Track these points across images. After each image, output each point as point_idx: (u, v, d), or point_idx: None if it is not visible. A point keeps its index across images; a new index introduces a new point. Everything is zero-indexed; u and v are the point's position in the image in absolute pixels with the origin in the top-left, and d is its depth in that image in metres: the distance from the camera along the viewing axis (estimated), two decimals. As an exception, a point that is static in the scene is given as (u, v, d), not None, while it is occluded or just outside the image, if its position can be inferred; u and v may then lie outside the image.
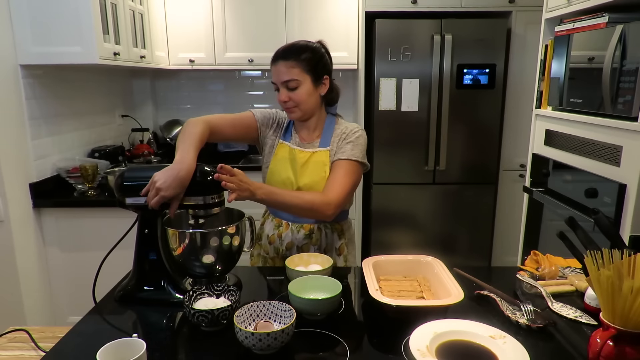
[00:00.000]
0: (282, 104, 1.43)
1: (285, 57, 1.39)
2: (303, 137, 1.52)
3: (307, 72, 1.40)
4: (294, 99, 1.40)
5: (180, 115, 3.60)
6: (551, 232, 2.02)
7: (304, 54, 1.40)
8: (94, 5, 2.08)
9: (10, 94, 2.11)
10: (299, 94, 1.40)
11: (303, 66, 1.39)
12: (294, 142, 1.52)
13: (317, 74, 1.42)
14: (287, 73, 1.38)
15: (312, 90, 1.42)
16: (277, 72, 1.40)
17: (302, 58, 1.39)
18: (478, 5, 2.89)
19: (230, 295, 1.11)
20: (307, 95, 1.41)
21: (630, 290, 0.77)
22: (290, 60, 1.38)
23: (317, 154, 1.47)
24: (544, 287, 1.19)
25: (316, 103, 1.46)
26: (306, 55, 1.40)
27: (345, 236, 1.56)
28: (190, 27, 3.09)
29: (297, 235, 1.49)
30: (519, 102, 3.00)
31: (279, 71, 1.39)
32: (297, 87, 1.39)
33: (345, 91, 3.59)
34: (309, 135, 1.51)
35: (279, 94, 1.42)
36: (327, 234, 1.51)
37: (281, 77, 1.39)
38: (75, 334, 1.05)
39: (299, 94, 1.40)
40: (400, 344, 0.97)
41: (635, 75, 1.45)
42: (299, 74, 1.38)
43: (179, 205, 1.17)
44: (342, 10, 3.07)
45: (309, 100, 1.42)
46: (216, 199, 1.19)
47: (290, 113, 1.45)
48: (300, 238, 1.49)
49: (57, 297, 2.39)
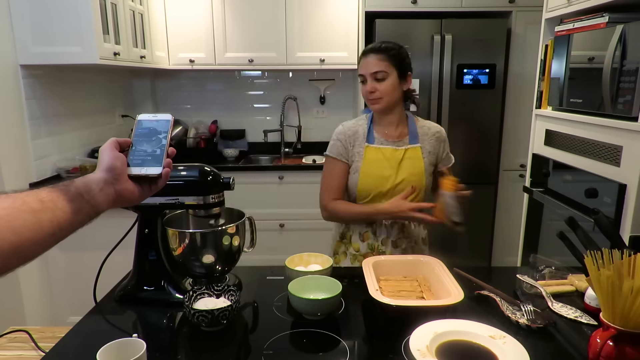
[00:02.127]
0: (367, 94, 1.51)
1: (376, 51, 1.49)
2: (389, 134, 1.58)
3: (395, 66, 1.49)
4: (381, 90, 1.49)
5: (180, 115, 3.59)
6: (551, 232, 2.02)
7: (391, 50, 1.50)
8: (94, 5, 2.08)
9: (10, 94, 2.11)
10: (385, 85, 1.49)
11: (391, 60, 1.49)
12: (378, 142, 1.57)
13: (402, 69, 1.52)
14: (377, 65, 1.48)
15: (397, 83, 1.51)
16: (367, 63, 1.49)
17: (391, 54, 1.49)
18: (478, 5, 2.89)
19: (230, 295, 1.11)
20: (392, 87, 1.50)
21: (630, 290, 0.77)
22: (380, 54, 1.49)
23: (410, 150, 1.56)
24: (544, 287, 1.19)
25: (399, 97, 1.54)
26: (394, 52, 1.50)
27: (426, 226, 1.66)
28: (190, 27, 3.09)
29: (391, 231, 1.57)
30: (519, 102, 3.00)
31: (369, 63, 1.49)
32: (384, 78, 1.48)
33: (345, 91, 3.60)
34: (395, 132, 1.58)
35: (365, 85, 1.51)
36: (414, 225, 1.60)
37: (371, 68, 1.48)
38: (75, 334, 1.05)
39: (386, 85, 1.49)
40: (400, 344, 0.97)
41: (635, 75, 1.45)
42: (387, 66, 1.48)
43: (179, 206, 1.17)
44: (342, 10, 3.07)
45: (394, 93, 1.51)
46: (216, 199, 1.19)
47: (375, 104, 1.52)
48: (394, 233, 1.57)
49: (57, 297, 2.39)
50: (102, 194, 0.76)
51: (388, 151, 1.55)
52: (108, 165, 0.78)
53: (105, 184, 0.77)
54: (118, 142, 0.83)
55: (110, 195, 0.77)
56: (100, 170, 0.78)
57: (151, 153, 0.85)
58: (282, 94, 3.52)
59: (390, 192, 1.53)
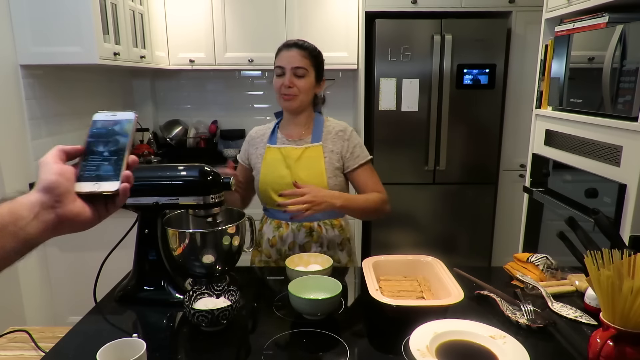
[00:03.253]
0: (283, 88, 1.48)
1: (300, 47, 1.49)
2: (292, 134, 1.57)
3: (314, 67, 1.51)
4: (299, 86, 1.47)
5: (180, 115, 3.60)
6: (551, 232, 2.02)
7: (315, 51, 1.53)
8: (94, 5, 2.08)
9: (10, 94, 2.11)
10: (304, 82, 1.48)
11: (312, 61, 1.50)
12: (280, 142, 1.57)
13: (319, 72, 1.54)
14: (300, 61, 1.47)
15: (313, 84, 1.52)
16: (290, 57, 1.47)
17: (313, 54, 1.51)
18: (478, 5, 2.89)
19: (230, 295, 1.11)
20: (309, 87, 1.50)
21: (630, 290, 0.77)
22: (304, 51, 1.49)
23: (310, 149, 1.52)
24: (544, 287, 1.19)
25: (310, 99, 1.55)
26: (316, 53, 1.53)
27: (345, 231, 1.60)
28: (190, 27, 3.08)
29: (298, 235, 1.50)
30: (519, 102, 3.00)
31: (292, 57, 1.47)
32: (304, 76, 1.48)
33: (345, 91, 3.60)
34: (298, 132, 1.57)
35: (284, 78, 1.47)
36: (327, 230, 1.54)
37: (293, 62, 1.46)
38: (75, 334, 1.05)
39: (304, 83, 1.48)
40: (400, 344, 0.97)
41: (635, 75, 1.45)
42: (308, 65, 1.49)
43: (179, 206, 1.18)
44: (342, 10, 3.07)
45: (309, 93, 1.51)
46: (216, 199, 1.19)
47: (288, 100, 1.49)
48: (301, 237, 1.51)
49: (57, 297, 2.39)
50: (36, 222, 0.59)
51: (286, 150, 1.53)
52: (47, 184, 0.61)
53: (42, 208, 0.60)
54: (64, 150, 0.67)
55: (50, 222, 0.60)
56: (36, 191, 0.61)
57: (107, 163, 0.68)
58: (282, 94, 3.52)
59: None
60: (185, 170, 1.17)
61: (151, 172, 1.20)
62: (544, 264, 1.27)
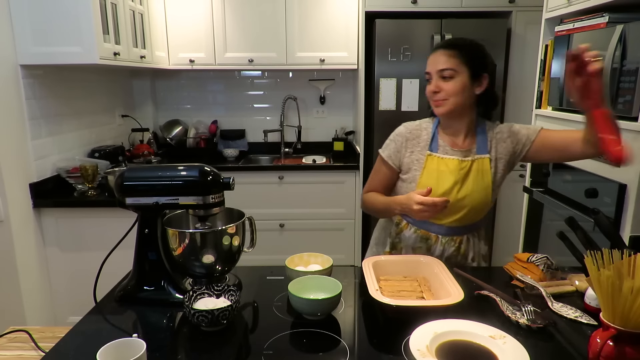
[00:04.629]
0: (430, 95, 1.35)
1: (447, 46, 1.33)
2: (456, 143, 1.41)
3: (466, 63, 1.31)
4: (446, 90, 1.32)
5: (180, 115, 3.60)
6: (551, 232, 2.02)
7: (466, 46, 1.34)
8: (94, 5, 2.08)
9: (10, 94, 2.11)
10: (453, 85, 1.31)
11: (463, 57, 1.31)
12: (442, 151, 1.41)
13: (476, 68, 1.33)
14: (445, 62, 1.31)
15: (467, 84, 1.32)
16: (435, 60, 1.33)
17: (464, 51, 1.32)
18: (478, 5, 2.89)
19: (230, 295, 1.11)
20: (461, 88, 1.32)
21: (630, 290, 0.77)
22: (451, 50, 1.32)
23: (478, 162, 1.38)
24: (544, 287, 1.19)
25: (468, 101, 1.35)
26: (468, 48, 1.33)
27: (487, 241, 1.51)
28: (190, 27, 3.09)
29: (447, 249, 1.44)
30: (519, 102, 3.00)
31: (436, 59, 1.33)
32: (452, 77, 1.31)
33: (345, 91, 3.60)
34: (461, 140, 1.40)
35: (429, 84, 1.35)
36: (474, 242, 1.47)
37: (437, 65, 1.32)
38: (75, 334, 1.05)
39: (454, 85, 1.31)
40: (400, 344, 0.97)
41: (635, 75, 1.45)
42: (457, 64, 1.31)
43: (179, 206, 1.17)
44: (342, 10, 3.07)
45: (461, 95, 1.32)
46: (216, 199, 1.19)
47: (438, 106, 1.35)
48: (450, 251, 1.44)
49: (57, 297, 2.39)
50: None
51: (453, 163, 1.37)
52: None
53: None
54: None
55: None
56: None
57: None
58: (282, 94, 3.52)
59: (450, 209, 1.34)
60: (185, 170, 1.17)
61: (151, 172, 1.20)
62: (544, 264, 1.27)
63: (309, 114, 3.63)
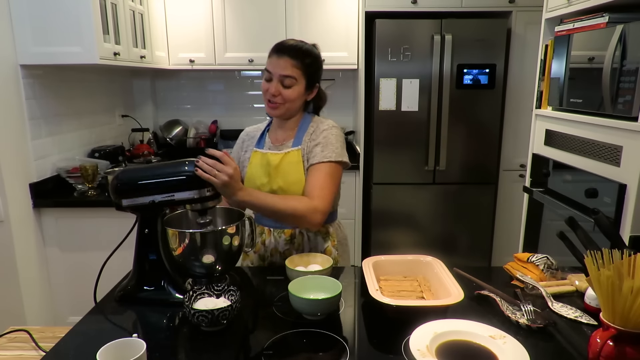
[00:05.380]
0: (268, 95, 1.41)
1: (293, 54, 1.39)
2: (277, 138, 1.51)
3: (305, 76, 1.42)
4: (285, 96, 1.40)
5: (180, 115, 3.60)
6: (551, 232, 2.02)
7: (308, 58, 1.42)
8: (94, 5, 2.08)
9: (10, 94, 2.11)
10: (291, 93, 1.40)
11: (304, 69, 1.41)
12: (267, 146, 1.51)
13: (312, 80, 1.45)
14: (289, 69, 1.38)
15: (302, 93, 1.44)
16: (279, 63, 1.39)
17: (306, 62, 1.41)
18: (478, 5, 2.89)
19: (230, 295, 1.11)
20: (297, 96, 1.42)
21: (630, 290, 0.77)
22: (295, 60, 1.39)
23: (289, 154, 1.44)
24: (544, 287, 1.19)
25: (300, 106, 1.48)
26: (310, 60, 1.42)
27: (332, 238, 1.51)
28: (190, 27, 3.09)
29: (279, 241, 1.47)
30: (519, 102, 3.00)
31: (280, 64, 1.39)
32: (291, 85, 1.40)
33: (345, 91, 3.60)
34: (284, 136, 1.50)
35: (269, 84, 1.40)
36: (309, 237, 1.49)
37: (281, 71, 1.38)
38: (75, 334, 1.05)
39: (291, 93, 1.40)
40: (400, 344, 0.97)
41: (635, 75, 1.45)
42: (299, 74, 1.40)
43: (175, 202, 1.17)
44: (342, 10, 3.07)
45: (296, 102, 1.44)
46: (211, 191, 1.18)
47: (274, 109, 1.43)
48: (282, 243, 1.47)
49: (57, 297, 2.39)
50: None
51: (268, 156, 1.46)
52: None
53: None
54: None
55: None
56: None
57: None
58: (282, 94, 3.52)
59: None
60: (178, 166, 1.17)
61: (144, 171, 1.20)
62: (544, 264, 1.27)
63: (309, 114, 3.62)
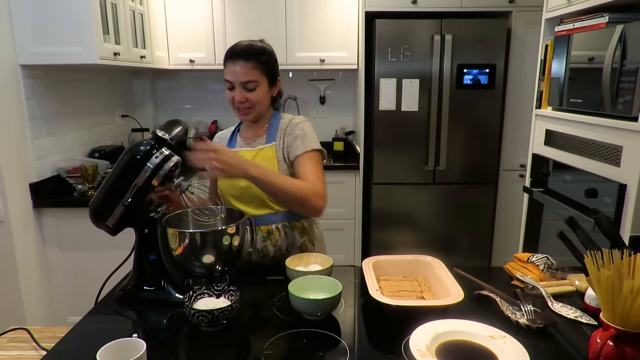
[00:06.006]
0: (237, 104, 1.41)
1: (246, 57, 1.37)
2: (248, 136, 1.52)
3: (265, 74, 1.41)
4: (252, 100, 1.40)
5: (180, 115, 3.60)
6: (551, 232, 2.02)
7: (262, 56, 1.40)
8: (94, 5, 2.08)
9: (10, 94, 2.11)
10: (256, 95, 1.40)
11: (262, 68, 1.40)
12: (238, 145, 1.52)
13: (272, 76, 1.44)
14: (247, 74, 1.37)
15: (267, 91, 1.44)
16: (235, 71, 1.38)
17: (261, 60, 1.39)
18: (478, 5, 2.89)
19: (230, 295, 1.11)
20: (263, 96, 1.42)
21: (630, 290, 0.77)
22: (251, 62, 1.37)
23: (263, 150, 1.45)
24: (544, 287, 1.19)
25: (268, 104, 1.49)
26: (265, 58, 1.41)
27: (308, 234, 1.51)
28: (190, 27, 3.09)
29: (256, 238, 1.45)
30: (519, 102, 3.00)
31: (237, 70, 1.37)
32: (255, 88, 1.39)
33: (345, 91, 3.60)
34: (255, 133, 1.51)
35: (234, 93, 1.40)
36: (286, 233, 1.47)
37: (241, 78, 1.37)
38: (75, 334, 1.05)
39: (257, 95, 1.40)
40: (400, 344, 0.97)
41: (635, 75, 1.45)
42: (258, 75, 1.39)
43: (142, 189, 1.16)
44: (342, 10, 3.07)
45: (264, 102, 1.44)
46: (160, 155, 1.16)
47: (245, 115, 1.44)
48: (259, 240, 1.45)
49: (57, 297, 2.39)
50: None
51: (241, 154, 1.42)
52: None
53: None
54: None
55: None
56: None
57: None
58: (282, 94, 3.52)
59: (243, 196, 1.42)
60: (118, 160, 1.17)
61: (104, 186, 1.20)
62: (544, 264, 1.27)
63: (309, 114, 3.62)
